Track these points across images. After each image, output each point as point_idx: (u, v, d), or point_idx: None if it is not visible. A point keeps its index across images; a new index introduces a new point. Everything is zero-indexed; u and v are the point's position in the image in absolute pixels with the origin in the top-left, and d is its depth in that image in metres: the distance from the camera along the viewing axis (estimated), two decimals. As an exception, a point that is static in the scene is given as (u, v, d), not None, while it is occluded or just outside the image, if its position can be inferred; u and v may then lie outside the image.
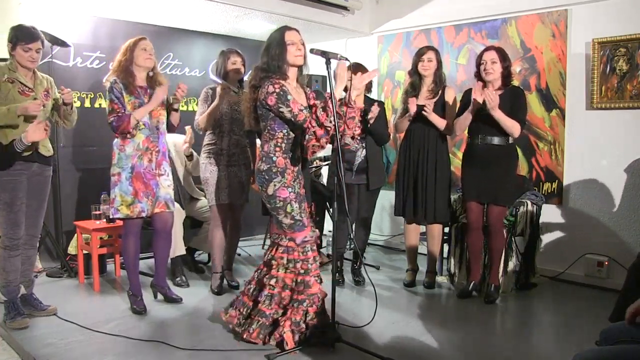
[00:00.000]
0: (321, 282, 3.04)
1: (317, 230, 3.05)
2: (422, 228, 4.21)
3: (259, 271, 3.07)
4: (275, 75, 2.86)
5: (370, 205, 4.13)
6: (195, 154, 4.31)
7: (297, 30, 2.94)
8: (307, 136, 2.81)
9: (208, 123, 3.76)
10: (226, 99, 3.73)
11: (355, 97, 2.90)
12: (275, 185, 2.89)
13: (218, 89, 3.66)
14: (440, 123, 3.85)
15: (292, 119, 2.80)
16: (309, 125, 2.77)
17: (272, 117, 2.88)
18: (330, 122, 2.74)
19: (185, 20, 4.90)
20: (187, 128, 4.10)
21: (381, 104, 4.03)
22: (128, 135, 3.30)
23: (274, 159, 2.90)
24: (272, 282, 2.93)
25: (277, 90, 2.79)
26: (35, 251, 3.44)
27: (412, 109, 3.85)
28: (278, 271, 2.94)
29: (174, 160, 4.35)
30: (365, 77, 2.85)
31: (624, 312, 2.01)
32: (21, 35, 3.08)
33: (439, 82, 3.93)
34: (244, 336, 2.92)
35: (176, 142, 4.44)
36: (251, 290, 3.06)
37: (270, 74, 2.86)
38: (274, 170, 2.89)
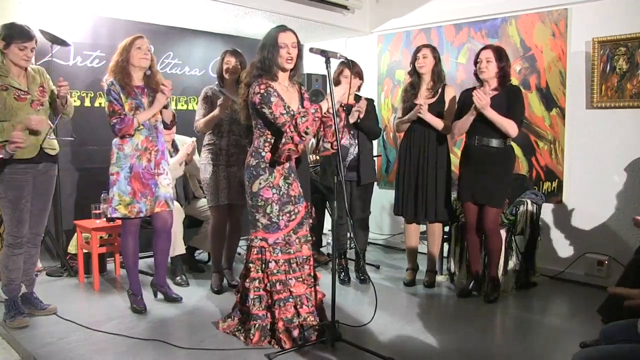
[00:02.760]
0: (315, 283, 3.04)
1: (293, 235, 2.99)
2: (422, 227, 4.21)
3: (242, 276, 3.07)
4: (265, 75, 2.88)
5: (364, 203, 4.12)
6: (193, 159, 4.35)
7: (294, 32, 2.93)
8: (284, 139, 2.80)
9: (207, 128, 3.77)
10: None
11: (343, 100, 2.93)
12: (260, 183, 2.90)
13: (219, 101, 3.64)
14: (437, 123, 3.84)
15: (273, 121, 2.82)
16: (287, 130, 2.78)
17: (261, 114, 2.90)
18: (307, 133, 2.74)
19: (185, 19, 4.89)
20: (191, 142, 4.21)
21: (370, 100, 4.03)
22: (127, 136, 3.29)
23: (263, 154, 2.92)
24: (256, 283, 2.94)
25: (262, 91, 2.82)
26: (37, 250, 3.44)
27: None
28: (257, 272, 2.94)
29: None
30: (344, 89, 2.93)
31: (614, 307, 2.01)
32: (17, 34, 3.03)
33: (438, 79, 3.92)
34: (247, 343, 2.91)
35: (185, 142, 4.48)
36: (239, 296, 3.07)
37: (263, 72, 2.89)
38: (262, 166, 2.91)
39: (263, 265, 2.92)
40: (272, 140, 2.92)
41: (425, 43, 4.20)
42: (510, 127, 3.53)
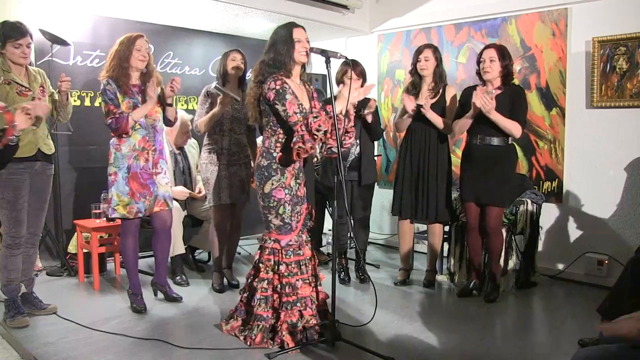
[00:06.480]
0: (318, 284, 3.04)
1: (303, 236, 3.01)
2: (421, 227, 4.20)
3: (250, 277, 3.06)
4: (279, 72, 2.86)
5: (365, 202, 4.12)
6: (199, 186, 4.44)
7: (304, 28, 2.95)
8: (294, 138, 2.79)
9: (208, 127, 3.76)
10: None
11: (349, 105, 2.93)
12: (272, 184, 2.89)
13: (219, 99, 3.64)
14: (439, 122, 3.84)
15: (285, 119, 2.81)
16: (299, 129, 2.77)
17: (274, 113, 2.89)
18: (319, 130, 2.72)
19: (185, 19, 4.89)
20: (199, 189, 4.33)
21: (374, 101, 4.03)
22: (124, 135, 3.28)
23: (274, 154, 2.90)
24: (264, 284, 2.93)
25: (278, 87, 2.80)
26: (36, 250, 3.44)
27: (408, 107, 3.85)
28: (267, 273, 2.94)
29: (188, 158, 4.41)
30: (362, 92, 2.93)
31: (614, 306, 2.01)
32: (9, 32, 3.04)
33: (439, 80, 3.91)
34: (248, 343, 2.91)
35: (191, 142, 4.49)
36: (246, 297, 3.06)
37: (275, 70, 2.87)
38: (273, 167, 2.89)
39: (275, 267, 2.92)
40: (284, 141, 2.90)
41: (427, 43, 4.19)
42: (514, 129, 3.52)
